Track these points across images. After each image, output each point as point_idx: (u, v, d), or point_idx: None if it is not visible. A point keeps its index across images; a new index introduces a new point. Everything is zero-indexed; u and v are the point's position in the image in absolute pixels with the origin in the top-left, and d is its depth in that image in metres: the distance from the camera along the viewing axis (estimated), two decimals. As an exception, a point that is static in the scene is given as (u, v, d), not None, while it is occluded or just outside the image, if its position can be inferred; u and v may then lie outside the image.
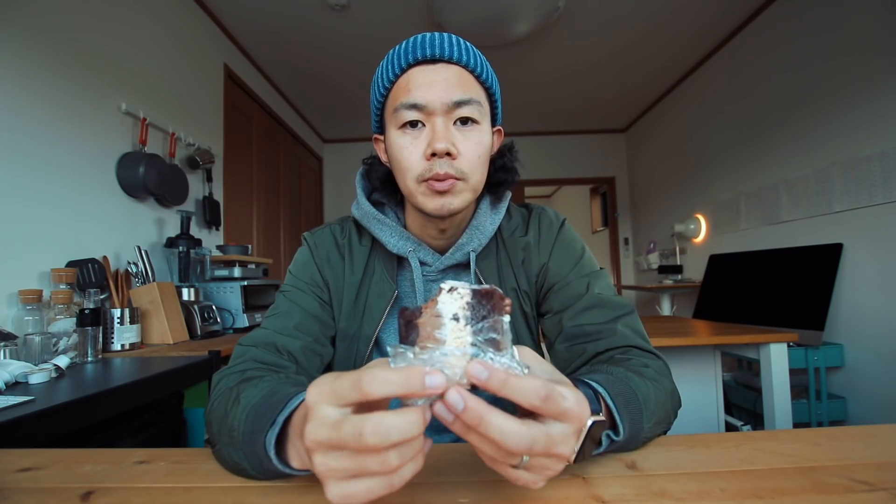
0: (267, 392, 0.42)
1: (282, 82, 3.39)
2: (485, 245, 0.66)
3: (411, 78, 0.56)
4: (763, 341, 1.45)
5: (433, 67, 0.56)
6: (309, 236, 0.70)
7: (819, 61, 2.25)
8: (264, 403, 0.41)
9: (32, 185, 1.37)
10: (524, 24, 2.58)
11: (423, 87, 0.55)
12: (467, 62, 0.57)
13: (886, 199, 1.91)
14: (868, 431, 0.49)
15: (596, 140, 4.74)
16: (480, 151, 0.58)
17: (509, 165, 0.67)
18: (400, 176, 0.59)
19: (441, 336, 0.31)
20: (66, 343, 1.19)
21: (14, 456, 0.47)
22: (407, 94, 0.56)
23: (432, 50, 0.56)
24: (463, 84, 0.57)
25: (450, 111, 0.56)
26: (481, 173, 0.60)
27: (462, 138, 0.57)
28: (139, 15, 1.91)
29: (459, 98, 0.56)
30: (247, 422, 0.40)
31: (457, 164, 0.56)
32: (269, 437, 0.38)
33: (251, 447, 0.39)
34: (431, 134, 0.56)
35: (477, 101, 0.57)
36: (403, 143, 0.57)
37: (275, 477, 0.40)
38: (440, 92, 0.55)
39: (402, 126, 0.57)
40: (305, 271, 0.67)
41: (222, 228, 2.51)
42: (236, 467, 0.41)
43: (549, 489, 0.37)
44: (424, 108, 0.55)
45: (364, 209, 0.66)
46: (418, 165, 0.56)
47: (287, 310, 0.63)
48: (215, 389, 0.51)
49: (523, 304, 0.67)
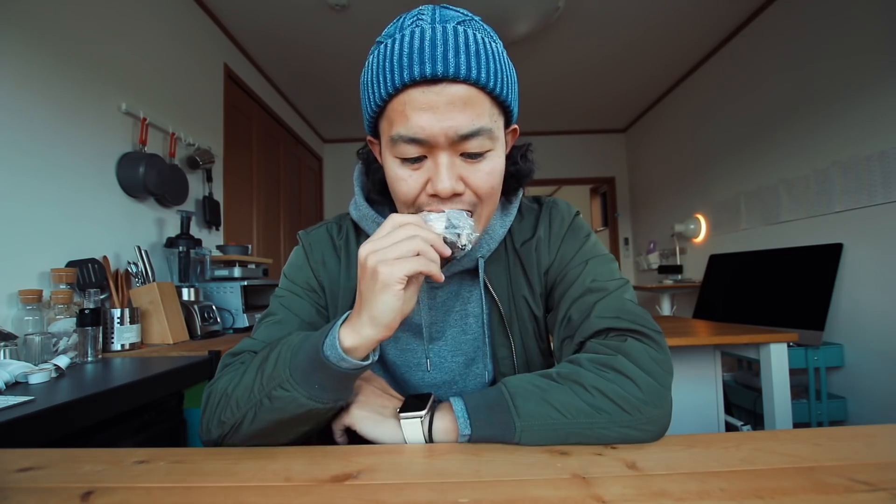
0: (302, 336, 0.50)
1: (282, 82, 3.39)
2: (494, 250, 0.62)
3: (408, 100, 0.47)
4: (763, 341, 1.45)
5: (434, 89, 0.47)
6: (304, 236, 0.67)
7: (819, 61, 2.25)
8: (303, 339, 0.48)
9: (32, 185, 1.37)
10: (524, 24, 2.58)
11: (424, 116, 0.47)
12: (477, 78, 0.47)
13: (886, 199, 1.91)
14: (868, 431, 0.49)
15: (596, 140, 4.75)
16: (492, 182, 0.52)
17: (523, 172, 0.62)
18: (397, 203, 0.55)
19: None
20: (66, 343, 1.19)
21: (14, 456, 0.47)
22: (404, 123, 0.48)
23: (433, 67, 0.46)
24: (471, 109, 0.48)
25: (455, 144, 0.49)
26: (492, 203, 0.54)
27: (471, 171, 0.51)
28: (139, 15, 1.91)
29: (467, 130, 0.48)
30: (294, 357, 0.47)
31: (465, 199, 0.51)
32: (330, 339, 0.46)
33: (304, 373, 0.45)
34: (434, 170, 0.50)
35: (488, 129, 0.49)
36: (401, 175, 0.51)
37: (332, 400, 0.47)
38: (444, 121, 0.47)
39: (400, 158, 0.51)
40: (301, 275, 0.64)
41: (222, 228, 2.51)
42: (282, 419, 0.47)
43: (550, 489, 0.37)
44: (426, 142, 0.48)
45: (362, 211, 0.63)
46: (418, 199, 0.52)
47: (282, 317, 0.60)
48: (213, 395, 0.51)
49: (534, 309, 0.63)
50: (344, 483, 0.39)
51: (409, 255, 0.44)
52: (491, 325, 0.63)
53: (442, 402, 0.51)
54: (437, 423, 0.49)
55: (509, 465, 0.42)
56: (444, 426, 0.48)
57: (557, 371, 0.50)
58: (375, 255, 0.44)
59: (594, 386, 0.47)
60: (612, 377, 0.48)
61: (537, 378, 0.50)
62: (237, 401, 0.48)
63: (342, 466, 0.42)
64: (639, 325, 0.52)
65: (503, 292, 0.63)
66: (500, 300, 0.62)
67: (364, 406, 0.52)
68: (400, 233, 0.44)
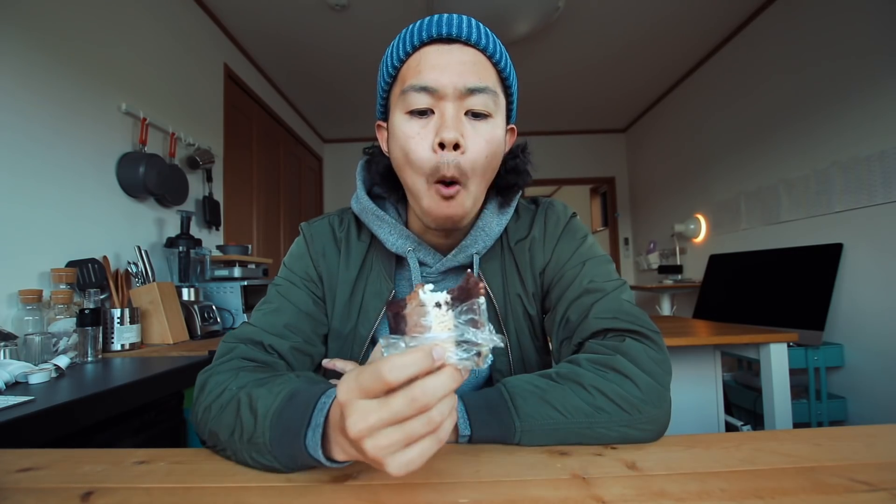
0: (285, 395, 0.42)
1: (282, 82, 3.39)
2: (489, 247, 0.63)
3: (423, 58, 0.52)
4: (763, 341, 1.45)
5: (448, 48, 0.52)
6: (306, 227, 0.67)
7: (819, 61, 2.25)
8: (289, 407, 0.41)
9: (32, 185, 1.37)
10: (524, 24, 2.58)
11: (436, 69, 0.51)
12: (486, 46, 0.53)
13: (886, 199, 1.91)
14: (868, 431, 0.49)
15: (596, 140, 4.74)
16: (490, 149, 0.53)
17: (521, 168, 0.63)
18: (406, 168, 0.54)
19: (427, 323, 0.35)
20: (66, 343, 1.19)
21: (14, 456, 0.47)
22: (417, 75, 0.52)
23: (448, 28, 0.52)
24: (479, 69, 0.52)
25: (462, 97, 0.51)
26: (486, 173, 0.55)
27: (472, 131, 0.52)
28: (139, 15, 1.91)
29: (474, 85, 0.51)
30: (272, 429, 0.41)
31: (462, 160, 0.51)
32: (313, 439, 0.38)
33: (284, 449, 0.40)
34: (440, 121, 0.51)
35: (492, 90, 0.53)
36: (410, 132, 0.52)
37: (309, 468, 0.42)
38: (453, 75, 0.51)
39: (409, 111, 0.53)
40: (300, 265, 0.64)
41: (222, 228, 2.51)
42: (263, 466, 0.42)
43: (550, 489, 0.37)
44: (435, 91, 0.51)
45: (363, 204, 0.63)
46: (426, 163, 0.52)
47: (278, 306, 0.61)
48: (204, 392, 0.50)
49: (528, 308, 0.64)
50: (344, 483, 0.39)
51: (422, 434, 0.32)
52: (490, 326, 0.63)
53: None
54: None
55: (509, 465, 0.42)
56: None
57: (556, 371, 0.50)
58: (375, 443, 0.31)
59: (593, 386, 0.47)
60: (612, 377, 0.48)
61: (536, 378, 0.50)
62: (218, 434, 0.46)
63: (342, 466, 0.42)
64: (637, 326, 0.52)
65: (498, 290, 0.63)
66: (495, 298, 0.63)
67: None
68: (401, 401, 0.31)
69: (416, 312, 0.35)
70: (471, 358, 0.34)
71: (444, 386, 0.31)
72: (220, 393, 0.48)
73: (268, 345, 0.57)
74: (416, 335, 0.35)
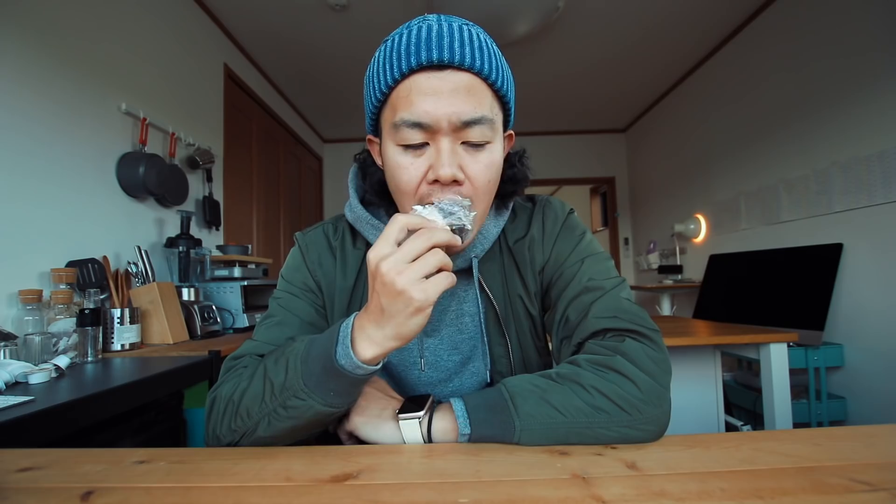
0: (308, 342, 0.48)
1: (282, 82, 3.39)
2: (488, 249, 0.63)
3: (413, 86, 0.49)
4: (763, 341, 1.45)
5: (440, 74, 0.48)
6: (301, 237, 0.67)
7: (819, 61, 2.25)
8: (313, 346, 0.47)
9: (32, 185, 1.37)
10: (524, 24, 2.58)
11: (428, 100, 0.48)
12: (480, 68, 0.49)
13: (886, 199, 1.91)
14: (868, 431, 0.49)
15: (596, 140, 4.75)
16: (490, 175, 0.52)
17: (519, 177, 0.62)
18: (397, 195, 0.55)
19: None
20: (66, 343, 1.19)
21: (14, 456, 0.47)
22: (408, 108, 0.49)
23: (440, 53, 0.48)
24: (474, 98, 0.49)
25: (457, 131, 0.49)
26: (489, 197, 0.55)
27: (471, 161, 0.51)
28: (139, 15, 1.91)
29: (470, 117, 0.49)
30: (304, 364, 0.46)
31: (463, 190, 0.51)
32: (343, 349, 0.45)
33: (319, 379, 0.46)
34: (436, 156, 0.49)
35: (489, 119, 0.50)
36: (402, 163, 0.51)
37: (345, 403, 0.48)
38: (448, 107, 0.48)
39: (401, 145, 0.51)
40: (298, 276, 0.64)
41: (222, 228, 2.51)
42: (296, 418, 0.47)
43: (550, 489, 0.37)
44: (429, 127, 0.49)
45: (357, 213, 0.62)
46: (417, 189, 0.51)
47: (281, 319, 0.60)
48: (218, 402, 0.51)
49: (529, 308, 0.64)
50: (344, 483, 0.39)
51: (434, 269, 0.43)
52: (487, 324, 0.63)
53: (442, 403, 0.51)
54: (437, 422, 0.49)
55: (509, 465, 0.42)
56: (443, 426, 0.49)
57: (557, 371, 0.50)
58: (399, 274, 0.42)
59: (593, 386, 0.47)
60: (612, 377, 0.48)
61: (537, 378, 0.50)
62: (247, 410, 0.48)
63: (342, 466, 0.42)
64: (636, 325, 0.52)
65: (498, 291, 0.63)
66: (495, 299, 0.63)
67: (363, 412, 0.52)
68: (418, 243, 0.43)
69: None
70: (454, 221, 0.48)
71: (439, 234, 0.44)
72: (235, 389, 0.50)
73: None
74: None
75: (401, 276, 0.42)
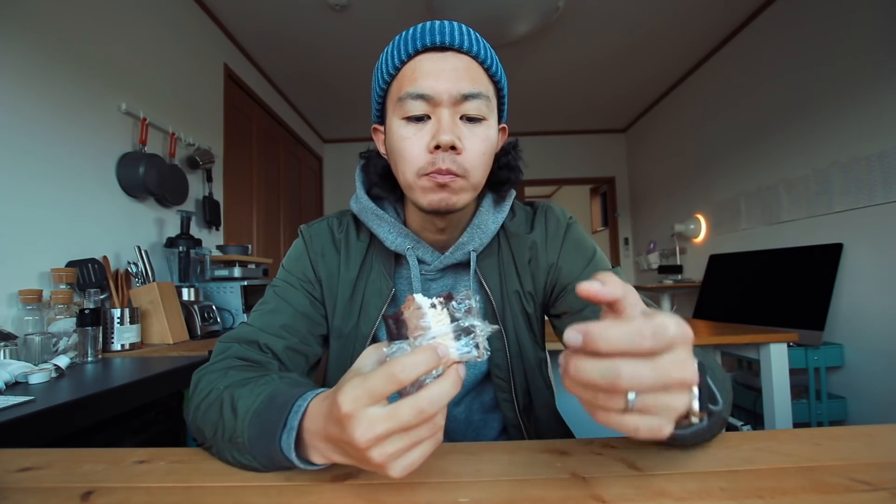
0: (266, 397, 0.42)
1: (282, 82, 3.39)
2: (486, 244, 0.64)
3: (418, 66, 0.54)
4: (763, 341, 1.45)
5: (442, 56, 0.54)
6: (305, 229, 0.68)
7: (819, 61, 2.25)
8: (267, 409, 0.41)
9: (32, 185, 1.37)
10: (524, 24, 2.58)
11: (431, 76, 0.53)
12: (477, 53, 0.55)
13: (886, 199, 1.91)
14: (868, 431, 0.49)
15: (596, 140, 4.74)
16: (485, 148, 0.55)
17: (512, 164, 0.64)
18: (399, 168, 0.56)
19: (425, 324, 0.36)
20: (66, 343, 1.19)
21: (14, 456, 0.47)
22: (413, 83, 0.53)
23: (441, 37, 0.53)
24: (472, 76, 0.54)
25: (457, 104, 0.53)
26: (483, 171, 0.57)
27: (468, 133, 0.54)
28: (139, 15, 1.91)
29: (468, 91, 0.53)
30: (251, 427, 0.41)
31: (460, 159, 0.53)
32: (287, 442, 0.38)
33: (262, 451, 0.40)
34: (437, 126, 0.53)
35: (486, 95, 0.55)
36: (405, 134, 0.54)
37: (289, 469, 0.41)
38: (448, 82, 0.53)
39: (405, 117, 0.55)
40: (298, 266, 0.65)
41: (222, 228, 2.51)
42: (243, 465, 0.43)
43: (549, 489, 0.37)
44: (431, 98, 0.53)
45: (362, 204, 0.64)
46: (420, 158, 0.54)
47: (275, 306, 0.62)
48: (196, 390, 0.50)
49: (525, 306, 0.65)
50: (344, 483, 0.39)
51: (425, 437, 0.33)
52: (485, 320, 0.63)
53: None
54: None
55: (509, 464, 0.42)
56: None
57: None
58: (382, 451, 0.32)
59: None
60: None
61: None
62: (204, 432, 0.46)
63: (342, 466, 0.42)
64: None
65: (495, 287, 0.65)
66: (492, 294, 0.64)
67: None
68: (408, 411, 0.31)
69: (414, 316, 0.37)
70: (470, 349, 0.36)
71: (448, 393, 0.32)
72: (209, 392, 0.49)
73: (263, 344, 0.57)
74: (418, 336, 0.36)
75: (378, 451, 0.32)
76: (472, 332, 0.36)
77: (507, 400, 0.65)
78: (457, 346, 0.36)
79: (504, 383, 0.65)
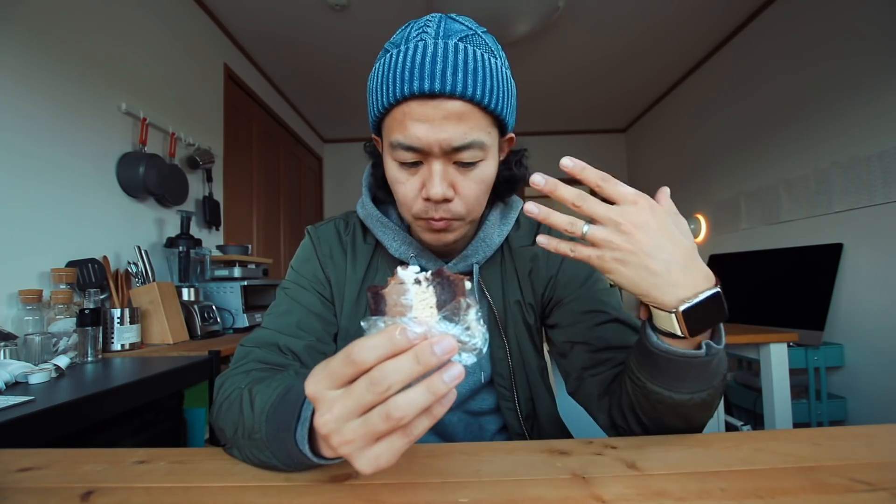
0: (281, 390, 0.42)
1: (282, 82, 3.39)
2: (490, 256, 0.65)
3: (407, 111, 0.49)
4: (763, 341, 1.45)
5: (432, 103, 0.48)
6: (312, 230, 0.69)
7: (819, 61, 2.24)
8: (282, 402, 0.41)
9: (32, 185, 1.37)
10: (524, 24, 2.58)
11: (420, 127, 0.49)
12: (472, 94, 0.49)
13: (886, 199, 1.91)
14: (868, 431, 0.49)
15: (596, 140, 4.74)
16: (481, 190, 0.55)
17: (518, 177, 0.64)
18: (397, 201, 0.57)
19: (406, 301, 0.33)
20: (66, 343, 1.19)
21: (14, 456, 0.47)
22: (402, 132, 0.50)
23: (431, 83, 0.47)
24: (465, 123, 0.49)
25: (448, 154, 0.51)
26: (481, 205, 0.57)
27: (462, 179, 0.53)
28: (139, 15, 1.91)
29: (460, 143, 0.50)
30: (268, 422, 0.40)
31: (454, 207, 0.53)
32: (301, 435, 0.37)
33: (280, 445, 0.39)
34: (427, 175, 0.52)
35: (479, 142, 0.51)
36: (399, 178, 0.54)
37: (308, 468, 0.41)
38: (439, 133, 0.49)
39: (398, 161, 0.53)
40: (307, 267, 0.66)
41: (222, 228, 2.51)
42: (264, 464, 0.42)
43: (549, 489, 0.37)
44: (420, 150, 0.50)
45: (367, 210, 0.65)
46: (414, 203, 0.54)
47: (288, 308, 0.62)
48: (220, 393, 0.51)
49: (527, 316, 0.66)
50: (344, 483, 0.39)
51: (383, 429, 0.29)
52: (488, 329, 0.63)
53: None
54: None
55: (509, 464, 0.42)
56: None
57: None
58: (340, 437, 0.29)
59: None
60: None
61: None
62: (225, 431, 0.47)
63: (342, 466, 0.42)
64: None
65: (497, 297, 0.65)
66: (494, 305, 0.64)
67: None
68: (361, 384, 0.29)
69: (395, 291, 0.33)
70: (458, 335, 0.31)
71: (404, 369, 0.28)
72: (231, 392, 0.49)
73: (283, 346, 0.57)
74: (397, 312, 0.33)
75: (338, 438, 0.30)
76: (457, 316, 0.32)
77: (511, 408, 0.65)
78: (438, 329, 0.31)
79: (507, 392, 0.65)
